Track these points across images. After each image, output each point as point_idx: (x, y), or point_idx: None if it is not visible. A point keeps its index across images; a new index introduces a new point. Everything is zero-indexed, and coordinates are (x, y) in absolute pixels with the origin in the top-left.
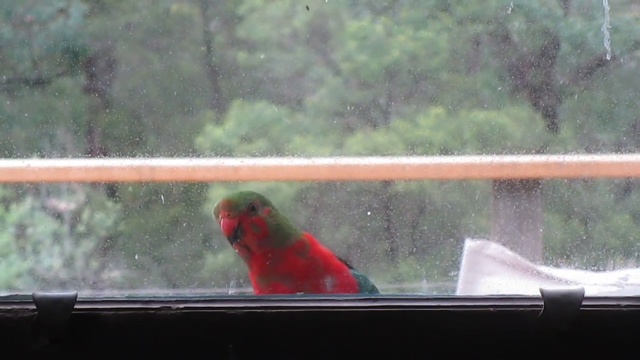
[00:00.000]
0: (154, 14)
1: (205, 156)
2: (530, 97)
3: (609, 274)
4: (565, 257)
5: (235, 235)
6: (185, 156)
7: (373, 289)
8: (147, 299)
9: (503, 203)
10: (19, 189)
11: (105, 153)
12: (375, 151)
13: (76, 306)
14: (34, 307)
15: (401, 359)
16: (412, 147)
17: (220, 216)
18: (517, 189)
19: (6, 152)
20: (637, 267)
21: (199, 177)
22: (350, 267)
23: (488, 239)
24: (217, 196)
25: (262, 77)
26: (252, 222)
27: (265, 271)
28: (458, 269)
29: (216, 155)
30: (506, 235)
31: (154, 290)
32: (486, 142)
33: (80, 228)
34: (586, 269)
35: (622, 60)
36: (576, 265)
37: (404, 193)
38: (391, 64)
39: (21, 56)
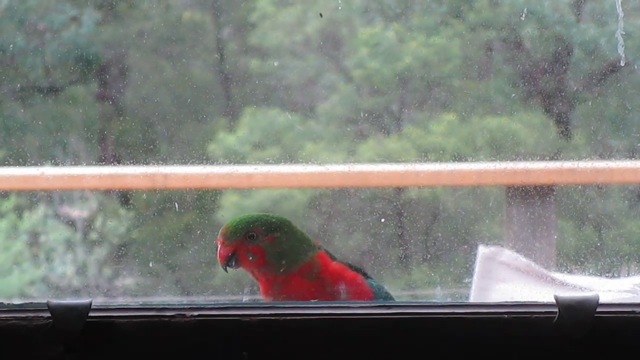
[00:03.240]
0: (166, 22)
1: (218, 163)
2: (543, 103)
3: (623, 281)
4: (579, 263)
5: (228, 264)
6: (198, 163)
7: (387, 297)
8: (161, 306)
9: (516, 209)
10: (33, 197)
11: (118, 161)
12: (388, 158)
13: (90, 314)
14: (49, 314)
15: None
16: (425, 153)
17: (217, 242)
18: (531, 195)
19: (20, 159)
20: None
21: (212, 184)
22: (366, 276)
23: (502, 246)
24: (230, 203)
25: (275, 84)
26: (248, 251)
27: (271, 294)
28: (471, 275)
29: (229, 162)
30: (520, 241)
31: (167, 298)
32: (499, 149)
33: (93, 236)
34: (600, 275)
35: (635, 66)
36: (590, 271)
37: (417, 200)
38: (403, 71)
39: (34, 64)
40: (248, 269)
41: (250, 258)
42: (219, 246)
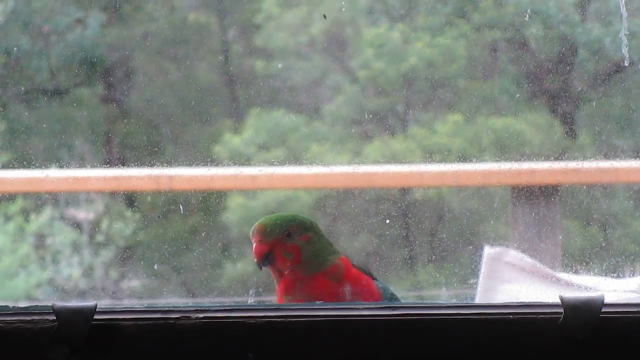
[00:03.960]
0: (171, 24)
1: (224, 165)
2: (548, 103)
3: (629, 280)
4: (584, 263)
5: (264, 262)
6: (203, 165)
7: (392, 297)
8: (167, 308)
9: (522, 210)
10: (38, 200)
11: (123, 163)
12: (393, 159)
13: (96, 316)
14: (54, 317)
15: None
16: (430, 154)
17: (253, 240)
18: (536, 195)
19: (25, 162)
20: None
21: (217, 186)
22: (372, 277)
23: (507, 246)
24: (235, 205)
25: (280, 85)
26: (285, 249)
27: (291, 291)
28: (477, 276)
29: (234, 164)
30: (525, 242)
31: (173, 300)
32: (504, 149)
33: (99, 238)
34: (605, 275)
35: None
36: (595, 271)
37: (423, 200)
38: (408, 71)
39: (39, 67)
40: (280, 268)
41: (287, 256)
42: (255, 244)
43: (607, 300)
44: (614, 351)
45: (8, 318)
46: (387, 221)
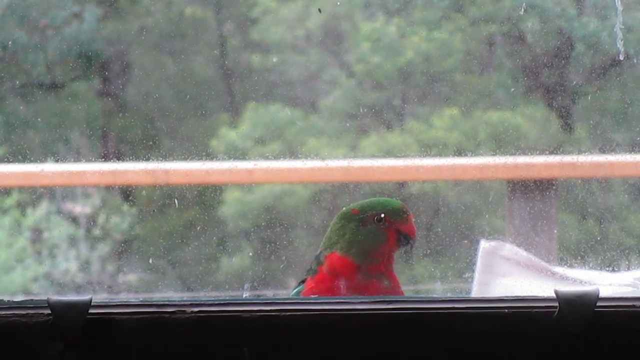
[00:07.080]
0: (168, 18)
1: (220, 159)
2: (544, 97)
3: (624, 274)
4: (580, 257)
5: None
6: (199, 159)
7: None
8: (162, 302)
9: (517, 204)
10: (34, 194)
11: (119, 157)
12: (390, 153)
13: (91, 310)
14: (49, 311)
15: None
16: (427, 148)
17: (408, 219)
18: (532, 189)
19: (21, 156)
20: None
21: (213, 180)
22: None
23: (503, 240)
24: (232, 199)
25: (276, 79)
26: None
27: (378, 271)
28: (473, 270)
29: (230, 158)
30: (521, 236)
31: (169, 294)
32: (500, 143)
33: (96, 232)
34: (601, 269)
35: (635, 60)
36: (591, 265)
37: (419, 194)
38: (405, 65)
39: (35, 61)
40: (393, 249)
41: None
42: (412, 223)
43: (602, 294)
44: (608, 345)
45: (3, 312)
46: (383, 215)
